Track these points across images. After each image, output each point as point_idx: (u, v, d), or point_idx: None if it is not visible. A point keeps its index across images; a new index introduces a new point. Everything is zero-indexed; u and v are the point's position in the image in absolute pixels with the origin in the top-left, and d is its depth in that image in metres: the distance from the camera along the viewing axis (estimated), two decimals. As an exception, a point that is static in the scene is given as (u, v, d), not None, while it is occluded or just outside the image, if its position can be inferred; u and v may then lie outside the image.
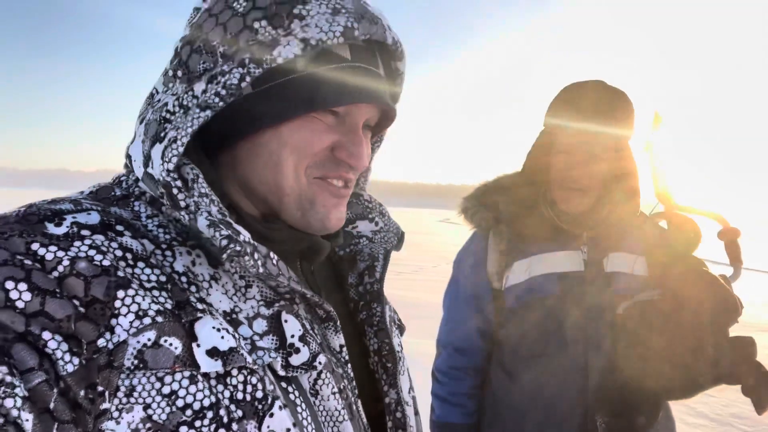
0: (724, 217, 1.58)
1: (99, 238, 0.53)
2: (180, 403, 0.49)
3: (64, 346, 0.47)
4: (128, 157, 0.62)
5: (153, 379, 0.49)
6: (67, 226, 0.53)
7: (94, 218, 0.55)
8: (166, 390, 0.49)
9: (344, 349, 0.65)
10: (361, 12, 0.61)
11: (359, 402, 0.64)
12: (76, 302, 0.48)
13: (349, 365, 0.64)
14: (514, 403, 1.47)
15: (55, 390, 0.46)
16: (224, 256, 0.53)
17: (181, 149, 0.56)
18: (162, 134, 0.58)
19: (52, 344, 0.46)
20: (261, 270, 0.56)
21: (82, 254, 0.51)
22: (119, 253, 0.53)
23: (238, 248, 0.54)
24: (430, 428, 1.60)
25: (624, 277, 1.44)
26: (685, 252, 1.49)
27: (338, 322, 0.65)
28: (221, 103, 0.58)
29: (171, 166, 0.56)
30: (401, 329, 0.83)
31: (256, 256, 0.56)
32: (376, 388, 0.72)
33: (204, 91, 0.58)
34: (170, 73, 0.63)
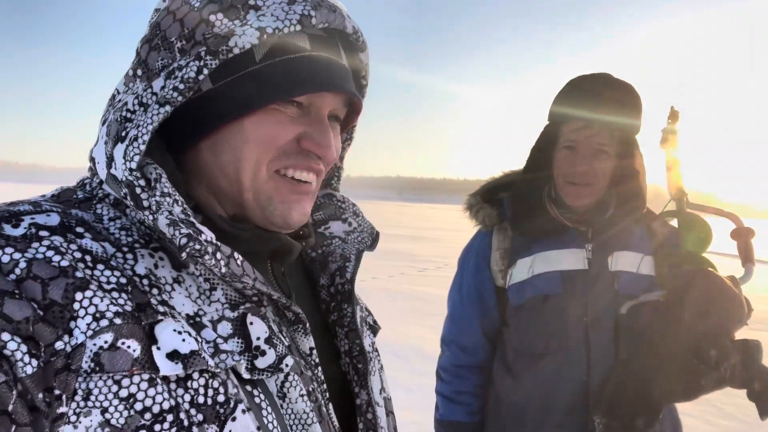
0: (737, 216, 1.53)
1: (58, 239, 0.52)
2: (138, 406, 0.48)
3: (24, 348, 0.46)
4: (92, 159, 0.62)
5: (110, 382, 0.48)
6: (25, 227, 0.52)
7: (53, 220, 0.54)
8: (123, 393, 0.48)
9: (314, 351, 0.64)
10: (318, 1, 0.61)
11: (330, 404, 0.63)
12: (35, 305, 0.48)
13: (320, 368, 0.64)
14: (516, 401, 1.46)
15: (14, 392, 0.46)
16: (183, 254, 0.53)
17: (142, 147, 0.56)
18: (123, 133, 0.58)
19: (11, 345, 0.46)
20: (224, 270, 0.55)
21: (40, 255, 0.50)
22: (78, 254, 0.52)
23: (197, 246, 0.53)
24: (434, 426, 1.60)
25: (629, 276, 1.42)
26: (694, 252, 1.45)
27: (307, 325, 0.64)
28: (180, 98, 0.58)
29: (134, 165, 0.56)
30: (374, 330, 0.83)
31: (218, 255, 0.55)
32: (349, 389, 0.72)
33: (162, 87, 0.58)
34: (130, 73, 0.63)
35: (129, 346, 0.49)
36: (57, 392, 0.47)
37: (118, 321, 0.50)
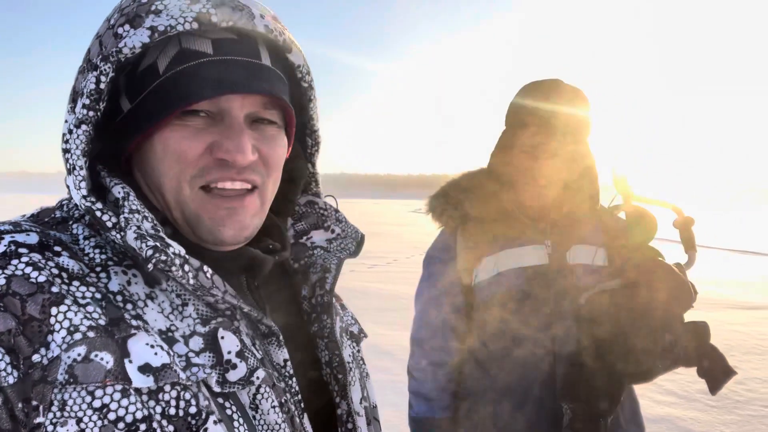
0: (679, 207, 1.65)
1: (36, 256, 0.54)
2: (112, 416, 0.50)
3: (7, 359, 0.48)
4: (67, 186, 0.63)
5: (84, 393, 0.49)
6: (5, 245, 0.54)
7: (32, 239, 0.56)
8: (97, 404, 0.49)
9: (288, 363, 0.64)
10: (222, 0, 0.60)
11: (304, 415, 0.64)
12: (16, 319, 0.50)
13: (294, 379, 0.64)
14: (487, 395, 1.51)
15: (0, 398, 0.47)
16: (150, 266, 0.53)
17: (83, 173, 0.57)
18: (68, 165, 0.59)
19: None
20: (192, 282, 0.56)
21: (19, 272, 0.51)
22: (55, 270, 0.54)
23: (163, 258, 0.54)
24: (408, 424, 1.64)
25: (586, 268, 1.50)
26: (642, 242, 1.55)
27: (281, 337, 0.64)
28: (91, 113, 0.58)
29: (84, 192, 0.57)
30: (357, 339, 0.83)
31: (186, 268, 0.56)
32: (331, 399, 0.73)
33: (80, 108, 0.58)
34: (68, 106, 0.62)
35: (102, 358, 0.51)
36: (34, 403, 0.49)
37: (91, 334, 0.51)
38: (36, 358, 0.49)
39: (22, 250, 0.53)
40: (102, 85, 0.57)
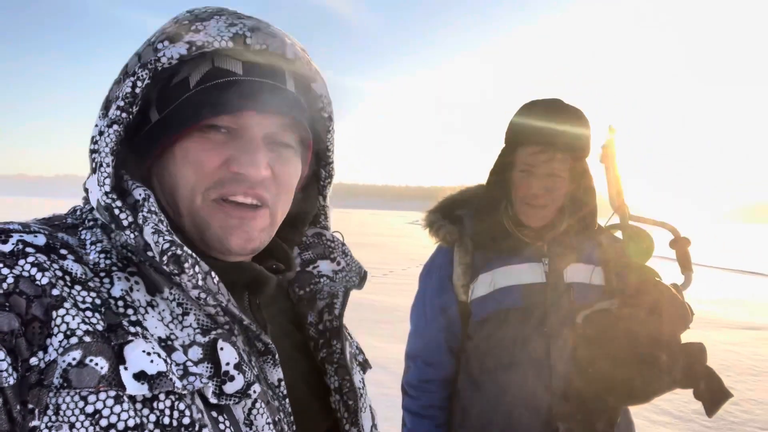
0: (675, 227, 1.65)
1: (42, 257, 0.54)
2: (104, 422, 0.49)
3: (8, 359, 0.49)
4: (86, 190, 0.64)
5: (77, 398, 0.49)
6: (13, 244, 0.54)
7: (40, 240, 0.57)
8: (89, 409, 0.49)
9: (282, 383, 0.64)
10: (258, 26, 0.63)
11: None
12: (20, 319, 0.50)
13: (287, 400, 0.64)
14: (482, 413, 1.50)
15: (0, 399, 0.48)
16: (165, 258, 0.55)
17: (109, 170, 0.59)
18: (93, 165, 0.61)
19: None
20: (200, 283, 0.57)
21: (26, 273, 0.52)
22: (59, 273, 0.54)
23: (179, 252, 0.55)
24: None
25: (583, 287, 1.50)
26: (639, 262, 1.55)
27: (276, 356, 0.64)
28: (123, 115, 0.61)
29: (107, 188, 0.59)
30: (364, 367, 0.82)
31: (196, 269, 0.57)
32: (338, 427, 0.72)
33: (114, 110, 0.61)
34: (99, 113, 0.65)
35: (97, 364, 0.51)
36: (30, 406, 0.49)
37: (87, 339, 0.51)
38: (33, 360, 0.49)
39: (29, 250, 0.54)
40: (137, 90, 0.60)
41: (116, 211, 0.58)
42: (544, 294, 1.48)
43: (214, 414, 0.55)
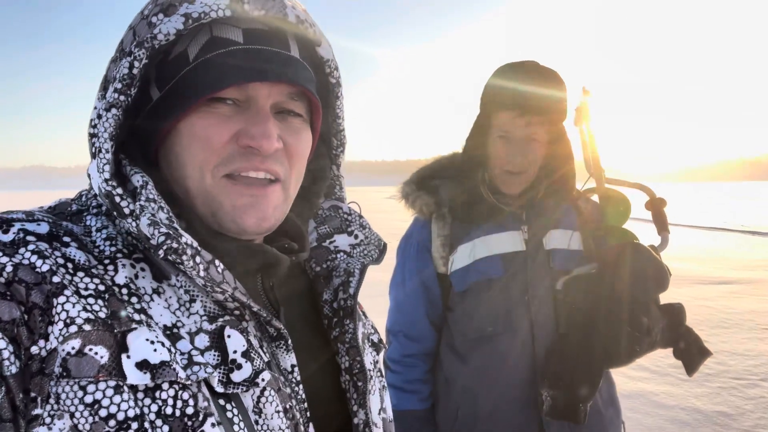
0: (651, 189, 1.65)
1: (43, 245, 0.53)
2: (103, 413, 0.49)
3: (11, 348, 0.48)
4: (89, 176, 0.62)
5: (76, 387, 0.49)
6: (14, 233, 0.54)
7: (43, 228, 0.56)
8: (88, 399, 0.49)
9: (295, 368, 0.62)
10: None
11: (310, 424, 0.62)
12: (22, 307, 0.49)
13: (301, 386, 0.62)
14: (466, 384, 1.50)
15: (2, 388, 0.47)
16: (161, 252, 0.53)
17: (108, 156, 0.57)
18: (93, 150, 0.59)
19: (0, 344, 0.47)
20: (202, 274, 0.55)
21: (26, 261, 0.51)
22: (61, 261, 0.53)
23: (174, 245, 0.53)
24: None
25: (562, 253, 1.49)
26: (616, 225, 1.55)
27: (289, 341, 0.63)
28: (122, 98, 0.58)
29: (107, 175, 0.57)
30: (378, 347, 0.81)
31: (197, 259, 0.55)
32: (347, 407, 0.70)
33: (111, 93, 0.59)
34: (98, 94, 0.63)
35: (96, 353, 0.50)
36: (33, 395, 0.48)
37: (87, 327, 0.50)
38: (34, 349, 0.49)
39: (29, 238, 0.53)
40: (135, 71, 0.57)
41: (117, 199, 0.56)
42: (524, 262, 1.47)
43: (222, 402, 0.55)
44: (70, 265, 0.53)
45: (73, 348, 0.49)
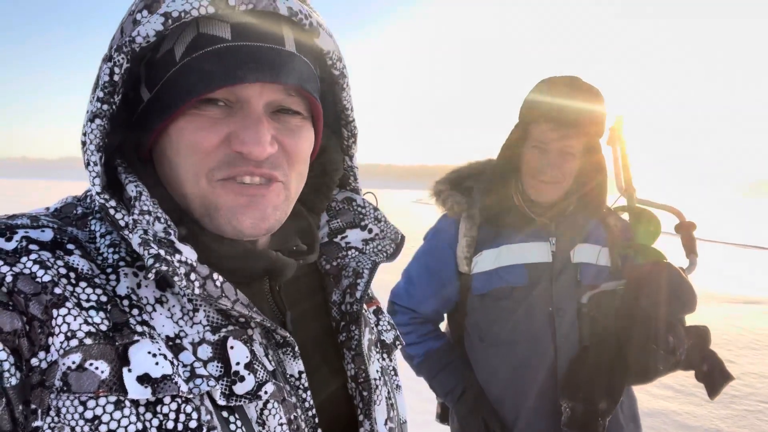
0: (680, 211, 1.66)
1: (45, 255, 0.52)
2: (103, 428, 0.48)
3: (11, 359, 0.47)
4: None
5: (76, 402, 0.48)
6: (17, 241, 0.53)
7: (47, 235, 0.54)
8: (88, 415, 0.48)
9: (303, 375, 0.61)
10: None
11: (319, 430, 0.61)
12: (24, 318, 0.49)
13: (309, 392, 0.61)
14: (492, 392, 1.53)
15: (3, 399, 0.47)
16: (150, 275, 0.51)
17: (97, 169, 0.55)
18: (85, 159, 0.57)
19: (1, 355, 0.47)
20: (197, 291, 0.53)
21: (27, 271, 0.50)
22: (63, 271, 0.52)
23: (164, 267, 0.51)
24: (418, 374, 1.63)
25: (590, 267, 1.51)
26: (646, 244, 1.57)
27: (296, 348, 0.61)
28: (105, 107, 0.55)
29: (98, 189, 0.55)
30: (390, 349, 0.77)
31: (192, 276, 0.53)
32: (356, 413, 0.68)
33: (95, 102, 0.56)
34: (90, 96, 0.59)
35: (97, 368, 0.49)
36: (33, 407, 0.48)
37: (88, 341, 0.49)
38: (35, 361, 0.48)
39: (32, 247, 0.52)
40: (116, 77, 0.55)
41: (111, 211, 0.55)
42: (549, 273, 1.49)
43: (225, 414, 0.53)
44: (72, 274, 0.52)
45: (73, 362, 0.48)
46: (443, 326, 1.73)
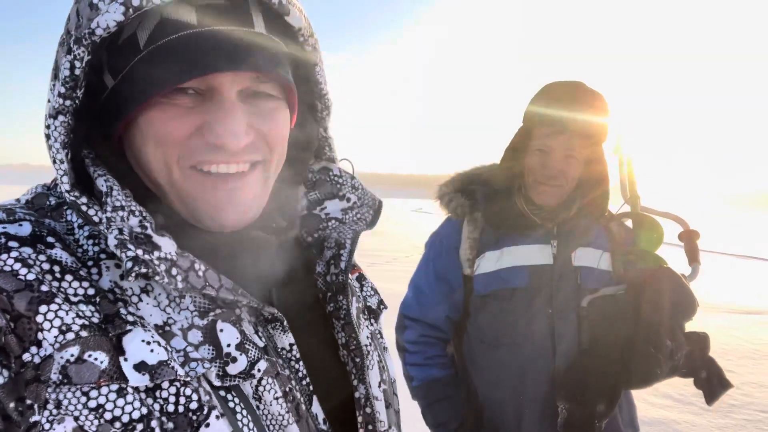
0: (684, 219, 1.68)
1: (26, 251, 0.51)
2: (108, 416, 0.48)
3: None
4: None
5: (78, 393, 0.48)
6: None
7: (25, 230, 0.53)
8: (92, 404, 0.48)
9: (294, 347, 0.62)
10: None
11: (314, 398, 0.62)
12: (7, 316, 0.48)
13: (301, 363, 0.62)
14: (493, 394, 1.54)
15: None
16: (131, 278, 0.51)
17: (64, 166, 0.54)
18: (50, 155, 0.55)
19: None
20: (180, 285, 0.53)
21: (7, 268, 0.49)
22: (46, 266, 0.51)
23: (143, 270, 0.50)
24: (412, 397, 1.64)
25: (590, 271, 1.53)
26: (648, 250, 1.58)
27: (285, 322, 0.62)
28: (68, 102, 0.53)
29: (67, 186, 0.54)
30: (376, 314, 0.79)
31: (174, 271, 0.53)
32: (349, 380, 0.69)
33: (56, 97, 0.54)
34: (50, 83, 0.57)
35: (96, 359, 0.49)
36: (29, 402, 0.47)
37: (84, 334, 0.49)
38: (26, 357, 0.48)
39: (12, 244, 0.51)
40: (77, 71, 0.52)
41: (84, 208, 0.54)
42: (551, 276, 1.51)
43: (222, 393, 0.54)
44: (57, 268, 0.51)
45: (72, 355, 0.48)
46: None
